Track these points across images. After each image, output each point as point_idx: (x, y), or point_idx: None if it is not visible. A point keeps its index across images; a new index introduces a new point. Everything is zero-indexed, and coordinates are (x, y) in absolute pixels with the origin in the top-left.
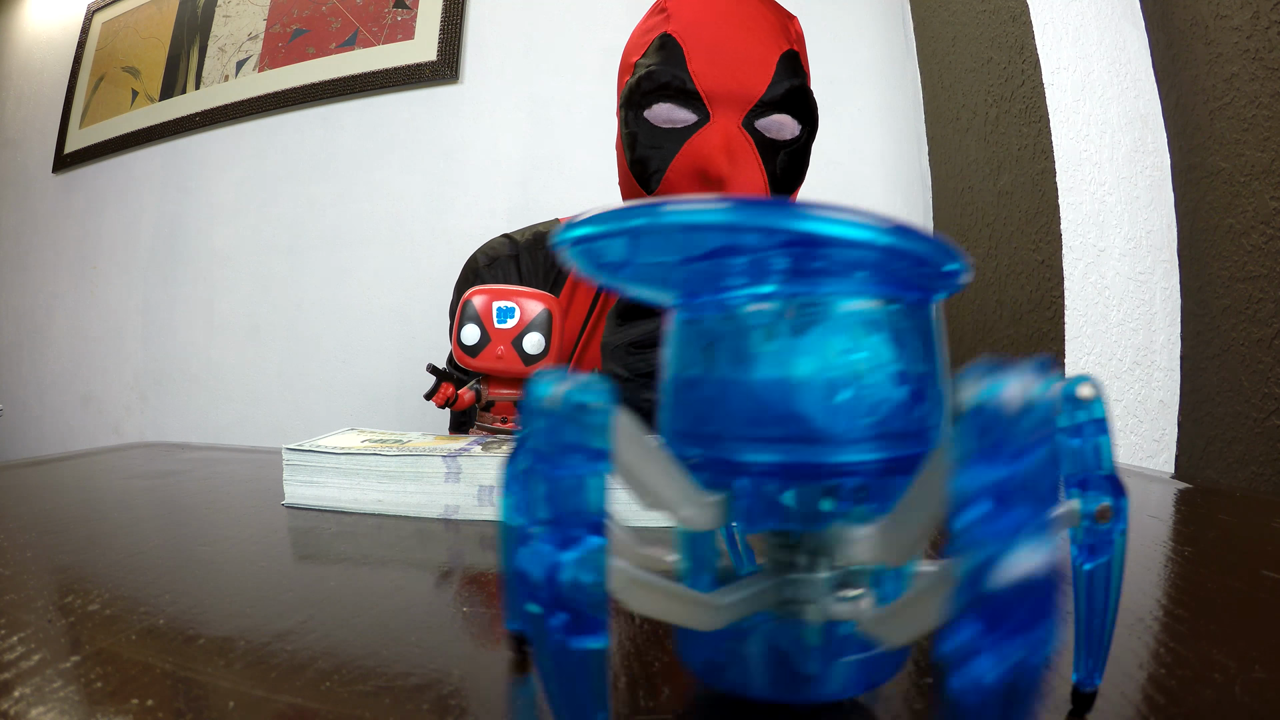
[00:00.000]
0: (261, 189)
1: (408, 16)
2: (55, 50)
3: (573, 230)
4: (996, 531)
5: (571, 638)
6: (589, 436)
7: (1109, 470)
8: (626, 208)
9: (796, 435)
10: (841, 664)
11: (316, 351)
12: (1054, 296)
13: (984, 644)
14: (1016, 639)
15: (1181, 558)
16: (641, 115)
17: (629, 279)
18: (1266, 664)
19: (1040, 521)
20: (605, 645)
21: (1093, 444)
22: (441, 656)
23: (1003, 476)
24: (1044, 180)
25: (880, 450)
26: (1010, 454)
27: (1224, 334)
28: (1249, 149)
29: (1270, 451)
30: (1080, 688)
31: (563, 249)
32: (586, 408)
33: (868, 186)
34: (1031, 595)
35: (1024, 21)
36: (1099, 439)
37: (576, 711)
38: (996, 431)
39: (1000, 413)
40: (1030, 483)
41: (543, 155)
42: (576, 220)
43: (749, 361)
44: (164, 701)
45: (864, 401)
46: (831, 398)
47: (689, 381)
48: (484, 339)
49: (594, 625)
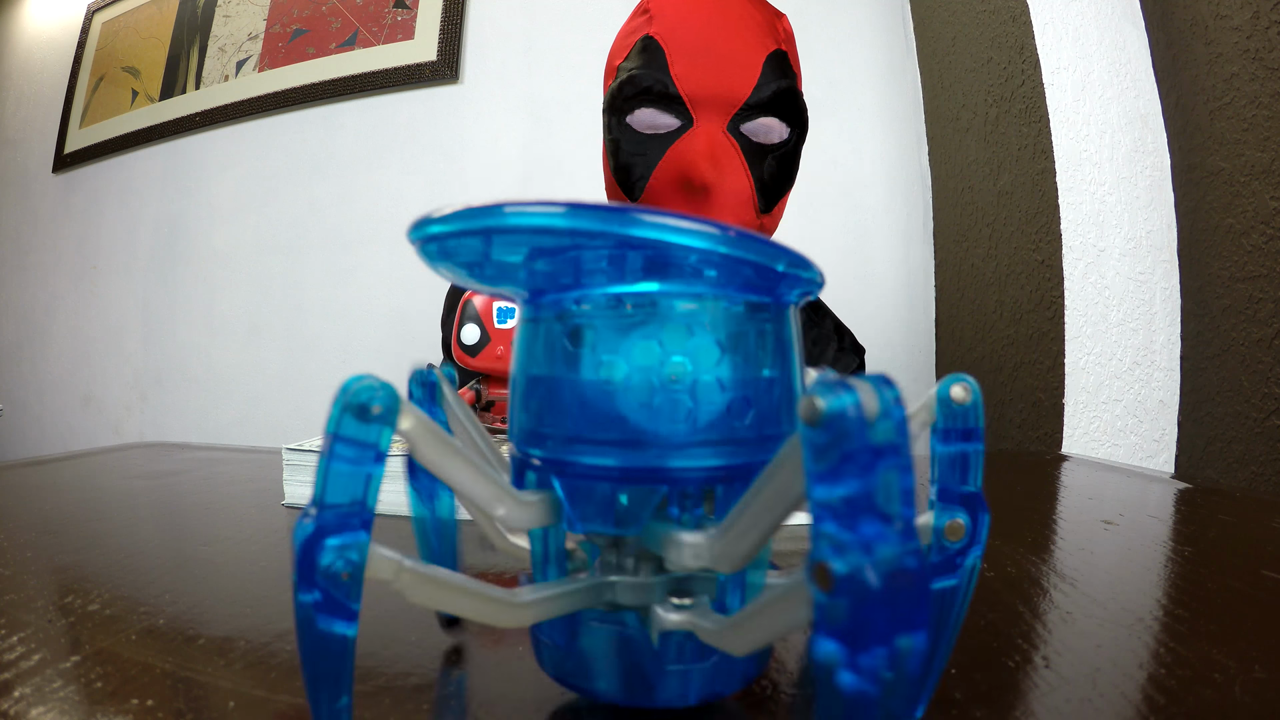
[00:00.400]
0: (261, 189)
1: (408, 16)
2: (55, 50)
3: (423, 228)
4: (845, 545)
5: (320, 617)
6: (366, 435)
7: (973, 487)
8: (475, 208)
9: (624, 439)
10: (676, 671)
11: (316, 351)
12: (1054, 296)
13: (843, 656)
14: (876, 650)
15: (1181, 558)
16: (624, 121)
17: (485, 278)
18: (1266, 664)
19: (890, 535)
20: (353, 633)
21: (959, 453)
22: (441, 656)
23: (851, 492)
24: (1044, 180)
25: (712, 457)
26: (858, 468)
27: (1224, 334)
28: (1249, 149)
29: (1270, 451)
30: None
31: (414, 245)
32: (367, 409)
33: (868, 186)
34: (888, 608)
35: (1024, 21)
36: (967, 448)
37: (318, 688)
38: (844, 444)
39: (847, 425)
40: (879, 497)
41: (543, 155)
42: (427, 218)
43: (578, 363)
44: (164, 701)
45: (693, 407)
46: (658, 401)
47: (530, 381)
48: (484, 339)
49: (344, 611)
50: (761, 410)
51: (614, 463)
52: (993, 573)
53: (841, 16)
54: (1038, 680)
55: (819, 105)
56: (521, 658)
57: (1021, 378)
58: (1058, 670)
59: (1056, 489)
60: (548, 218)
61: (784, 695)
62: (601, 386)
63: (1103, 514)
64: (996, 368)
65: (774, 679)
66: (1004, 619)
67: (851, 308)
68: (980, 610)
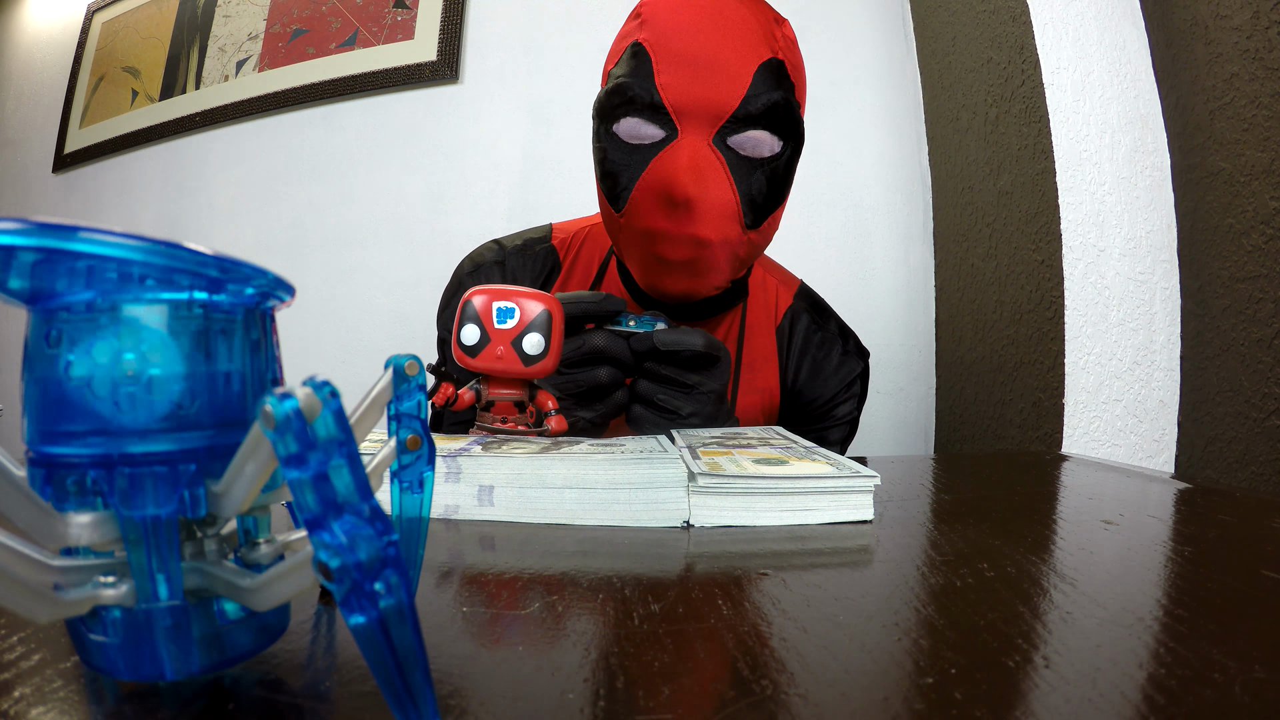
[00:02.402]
0: (261, 189)
1: (408, 16)
2: (55, 50)
3: None
4: (335, 548)
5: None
6: None
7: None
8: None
9: (93, 429)
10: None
11: (316, 351)
12: (1054, 296)
13: (350, 602)
14: (364, 600)
15: (1181, 558)
16: (611, 130)
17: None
18: (1266, 664)
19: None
20: None
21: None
22: (441, 656)
23: (310, 476)
24: (1044, 180)
25: (167, 442)
26: (312, 459)
27: (1224, 334)
28: (1249, 149)
29: (1270, 451)
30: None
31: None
32: None
33: (868, 186)
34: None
35: (1024, 21)
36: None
37: None
38: (295, 440)
39: (292, 425)
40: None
41: (543, 155)
42: None
43: (50, 362)
44: (164, 701)
45: (140, 396)
46: (113, 395)
47: (27, 382)
48: (484, 339)
49: None
50: (218, 400)
51: (87, 451)
52: (993, 573)
53: (841, 16)
54: (1038, 680)
55: (819, 105)
56: (521, 658)
57: (1021, 378)
58: (1058, 670)
59: (1056, 489)
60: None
61: (784, 695)
62: (70, 383)
63: (1103, 514)
64: (996, 368)
65: (774, 679)
66: (1004, 619)
67: (851, 308)
68: (980, 610)
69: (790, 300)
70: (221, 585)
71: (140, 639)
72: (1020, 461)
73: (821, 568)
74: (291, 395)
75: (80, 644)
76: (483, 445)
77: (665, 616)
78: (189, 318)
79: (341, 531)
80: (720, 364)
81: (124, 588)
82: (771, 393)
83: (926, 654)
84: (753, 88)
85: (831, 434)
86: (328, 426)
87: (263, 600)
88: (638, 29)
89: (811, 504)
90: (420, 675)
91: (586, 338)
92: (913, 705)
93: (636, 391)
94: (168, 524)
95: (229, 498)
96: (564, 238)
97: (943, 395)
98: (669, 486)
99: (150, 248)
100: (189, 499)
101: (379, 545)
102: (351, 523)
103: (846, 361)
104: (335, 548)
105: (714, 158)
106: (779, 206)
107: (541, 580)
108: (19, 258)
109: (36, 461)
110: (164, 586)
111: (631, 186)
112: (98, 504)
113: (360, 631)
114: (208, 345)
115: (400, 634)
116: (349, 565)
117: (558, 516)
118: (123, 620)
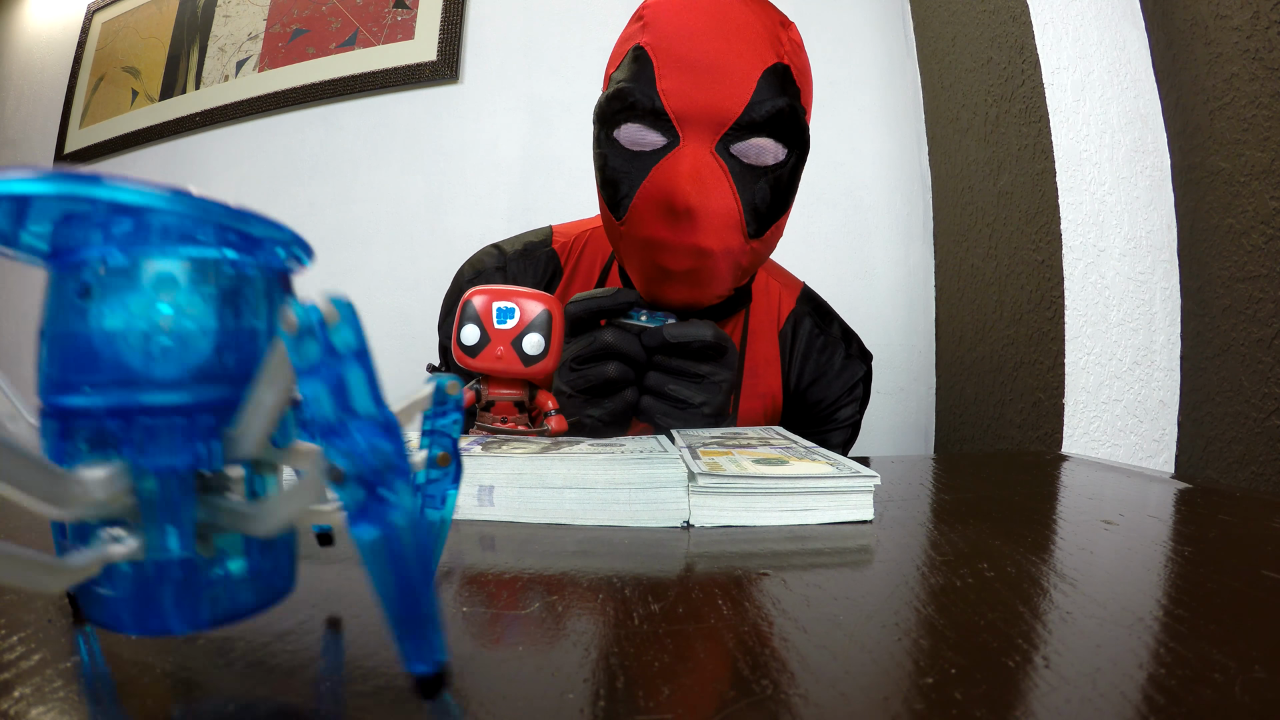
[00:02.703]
0: (261, 189)
1: (408, 16)
2: (55, 50)
3: None
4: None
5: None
6: None
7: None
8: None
9: (114, 380)
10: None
11: None
12: (1054, 296)
13: (361, 512)
14: (375, 508)
15: (1181, 558)
16: (611, 135)
17: (25, 247)
18: (1266, 664)
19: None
20: None
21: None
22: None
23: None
24: (1044, 180)
25: (191, 394)
26: (330, 364)
27: (1224, 334)
28: (1249, 149)
29: (1270, 451)
30: (414, 674)
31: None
32: None
33: (868, 186)
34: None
35: (1024, 21)
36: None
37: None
38: (315, 346)
39: (314, 330)
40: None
41: (543, 155)
42: None
43: (79, 315)
44: (164, 701)
45: (172, 349)
46: (144, 347)
47: (44, 336)
48: (484, 339)
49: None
50: (244, 355)
51: (105, 402)
52: (993, 573)
53: (841, 16)
54: (1038, 680)
55: (819, 105)
56: (521, 658)
57: (1021, 378)
58: (1058, 670)
59: (1056, 489)
60: (19, 184)
61: (784, 695)
62: (97, 336)
63: (1103, 514)
64: (996, 368)
65: (774, 679)
66: (1004, 619)
67: (851, 308)
68: (980, 610)
69: (793, 304)
70: (226, 516)
71: (149, 593)
72: (1020, 461)
73: (821, 568)
74: (314, 304)
75: (85, 598)
76: (483, 445)
77: (665, 616)
78: (220, 275)
79: (359, 435)
80: (729, 354)
81: (134, 543)
82: (774, 397)
83: (926, 654)
84: (757, 94)
85: (833, 437)
86: (346, 337)
87: (266, 524)
88: (640, 32)
89: (811, 504)
90: (427, 600)
91: (598, 334)
92: (913, 705)
93: (647, 384)
94: (183, 476)
95: (245, 436)
96: (565, 241)
97: (943, 395)
98: (669, 486)
99: (198, 204)
100: (205, 452)
101: (392, 452)
102: (368, 429)
103: (849, 365)
104: (350, 452)
105: (716, 166)
106: (783, 215)
107: (541, 580)
108: (66, 210)
109: (51, 413)
110: (175, 539)
111: (632, 194)
112: (111, 456)
113: (368, 547)
114: (236, 302)
115: (408, 550)
116: (363, 470)
117: (558, 516)
118: (131, 574)
